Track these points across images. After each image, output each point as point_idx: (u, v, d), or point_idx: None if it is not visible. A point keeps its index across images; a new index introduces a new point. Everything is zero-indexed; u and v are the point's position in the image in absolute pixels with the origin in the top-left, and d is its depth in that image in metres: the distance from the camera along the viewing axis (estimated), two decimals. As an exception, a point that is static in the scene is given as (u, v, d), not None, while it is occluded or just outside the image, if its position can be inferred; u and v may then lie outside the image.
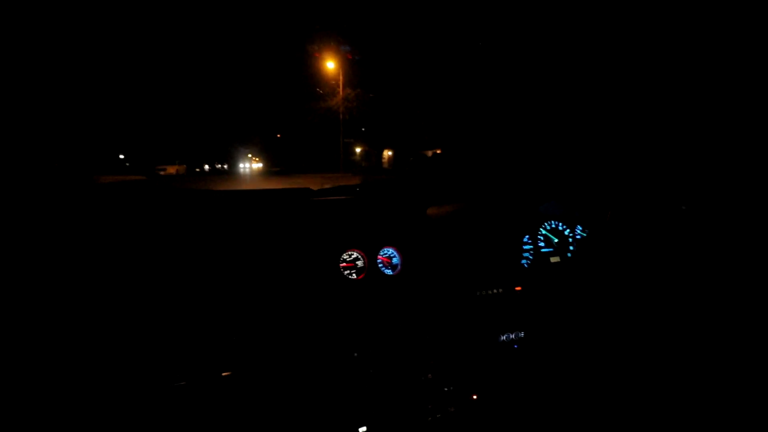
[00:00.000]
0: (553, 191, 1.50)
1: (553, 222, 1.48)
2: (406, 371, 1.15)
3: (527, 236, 1.43)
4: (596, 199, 1.46)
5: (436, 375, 1.17)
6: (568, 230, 1.49)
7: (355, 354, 1.12)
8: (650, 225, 1.24)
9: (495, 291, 1.30)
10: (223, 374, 1.02)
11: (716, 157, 1.24)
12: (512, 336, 1.28)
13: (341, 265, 1.25)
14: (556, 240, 1.47)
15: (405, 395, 1.13)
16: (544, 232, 1.46)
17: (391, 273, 1.29)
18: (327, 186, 1.55)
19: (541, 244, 1.44)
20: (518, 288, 1.32)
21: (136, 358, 0.98)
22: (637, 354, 1.27)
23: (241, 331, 1.08)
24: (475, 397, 1.19)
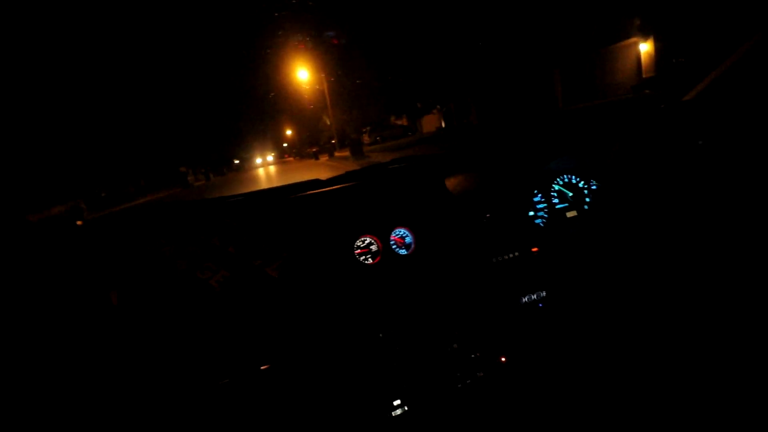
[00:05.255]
0: (562, 146, 1.45)
1: (566, 176, 1.44)
2: (432, 344, 1.19)
3: (540, 195, 1.40)
4: (608, 146, 1.39)
5: (462, 343, 1.21)
6: (582, 182, 1.44)
7: (380, 335, 1.18)
8: (666, 164, 1.18)
9: (512, 255, 1.30)
10: (262, 368, 1.12)
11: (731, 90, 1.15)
12: (534, 297, 1.29)
13: (356, 252, 1.30)
14: (570, 194, 1.43)
15: (433, 367, 1.18)
16: (557, 187, 1.43)
17: (406, 252, 1.32)
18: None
19: (555, 200, 1.41)
20: (535, 249, 1.32)
21: (179, 361, 1.09)
22: (664, 306, 1.25)
23: (271, 326, 1.16)
24: (503, 359, 1.23)
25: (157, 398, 1.05)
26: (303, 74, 23.72)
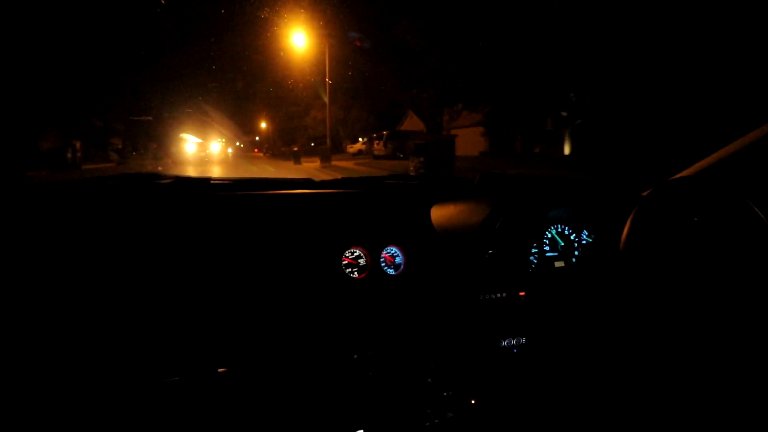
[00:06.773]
0: (567, 197, 1.46)
1: (559, 225, 1.45)
2: (406, 375, 1.13)
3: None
4: (606, 205, 1.42)
5: (436, 379, 1.15)
6: (574, 234, 1.46)
7: (355, 356, 1.10)
8: (660, 235, 1.21)
9: (499, 295, 1.27)
10: (219, 370, 1.01)
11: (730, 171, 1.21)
12: (513, 341, 1.26)
13: (343, 260, 1.22)
14: (562, 244, 1.44)
15: (404, 399, 1.11)
16: (549, 235, 1.43)
17: (394, 273, 1.27)
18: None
19: (546, 248, 1.41)
20: (522, 293, 1.30)
21: (127, 354, 0.96)
22: (640, 360, 1.26)
23: (238, 327, 1.05)
24: (473, 402, 1.18)
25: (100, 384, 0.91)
26: (299, 40, 15.24)
